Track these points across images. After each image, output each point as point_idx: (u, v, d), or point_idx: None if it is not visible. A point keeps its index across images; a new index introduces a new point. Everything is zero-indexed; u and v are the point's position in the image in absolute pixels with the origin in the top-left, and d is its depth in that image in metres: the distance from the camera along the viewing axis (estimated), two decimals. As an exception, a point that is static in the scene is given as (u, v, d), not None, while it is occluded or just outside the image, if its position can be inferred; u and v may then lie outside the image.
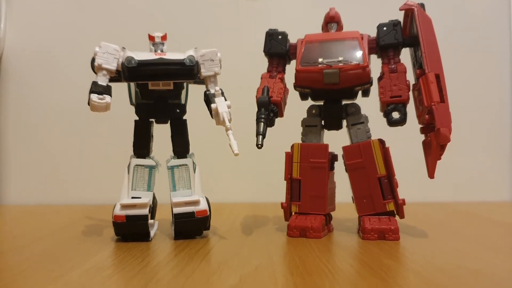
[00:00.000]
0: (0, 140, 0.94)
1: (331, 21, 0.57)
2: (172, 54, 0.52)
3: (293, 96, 0.58)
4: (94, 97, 0.49)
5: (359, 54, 0.54)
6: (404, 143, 0.68)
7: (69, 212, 0.76)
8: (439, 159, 0.49)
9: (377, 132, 0.56)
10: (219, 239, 0.53)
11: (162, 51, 0.54)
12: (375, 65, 0.56)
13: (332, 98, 0.56)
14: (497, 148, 0.93)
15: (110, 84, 0.51)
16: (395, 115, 0.52)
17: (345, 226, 0.60)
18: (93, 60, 0.51)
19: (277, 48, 0.58)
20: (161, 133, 0.56)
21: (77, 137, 0.93)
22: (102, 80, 0.50)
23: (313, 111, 0.58)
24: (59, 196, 0.92)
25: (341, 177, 0.57)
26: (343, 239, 0.52)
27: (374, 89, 0.55)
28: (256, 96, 0.55)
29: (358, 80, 0.54)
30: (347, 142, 0.56)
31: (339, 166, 0.57)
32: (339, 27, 0.57)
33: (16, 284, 0.36)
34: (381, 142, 0.54)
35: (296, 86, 0.56)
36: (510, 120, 0.94)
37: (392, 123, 0.53)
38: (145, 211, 0.51)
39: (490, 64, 0.93)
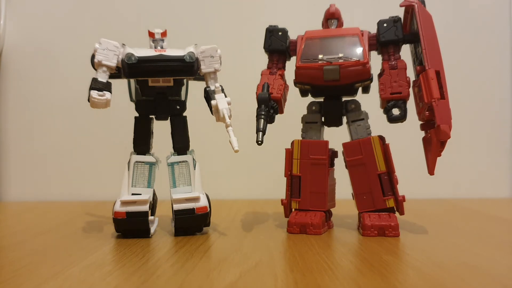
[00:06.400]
0: (0, 137, 0.94)
1: (331, 17, 0.57)
2: (172, 51, 0.52)
3: (293, 92, 0.58)
4: (94, 93, 0.49)
5: (359, 50, 0.53)
6: (404, 139, 0.68)
7: (69, 209, 0.76)
8: (439, 155, 0.49)
9: (377, 129, 0.56)
10: (219, 236, 0.53)
11: (162, 47, 0.54)
12: (375, 62, 0.56)
13: (332, 94, 0.57)
14: (497, 144, 0.93)
15: (110, 80, 0.51)
16: (395, 111, 0.52)
17: (345, 222, 0.60)
18: (93, 56, 0.51)
19: (277, 45, 0.58)
20: (161, 129, 0.56)
21: (77, 133, 0.93)
22: (102, 77, 0.50)
23: (313, 108, 0.58)
24: (59, 193, 0.92)
25: (341, 173, 0.57)
26: (343, 236, 0.52)
27: (374, 85, 0.55)
28: (256, 93, 0.55)
29: (358, 77, 0.54)
30: (347, 138, 0.56)
31: (339, 163, 0.57)
32: (339, 24, 0.57)
33: (17, 280, 0.36)
34: (381, 138, 0.54)
35: (296, 83, 0.56)
36: (510, 116, 0.93)
37: (392, 119, 0.53)
38: (145, 207, 0.51)
39: (490, 61, 0.93)
